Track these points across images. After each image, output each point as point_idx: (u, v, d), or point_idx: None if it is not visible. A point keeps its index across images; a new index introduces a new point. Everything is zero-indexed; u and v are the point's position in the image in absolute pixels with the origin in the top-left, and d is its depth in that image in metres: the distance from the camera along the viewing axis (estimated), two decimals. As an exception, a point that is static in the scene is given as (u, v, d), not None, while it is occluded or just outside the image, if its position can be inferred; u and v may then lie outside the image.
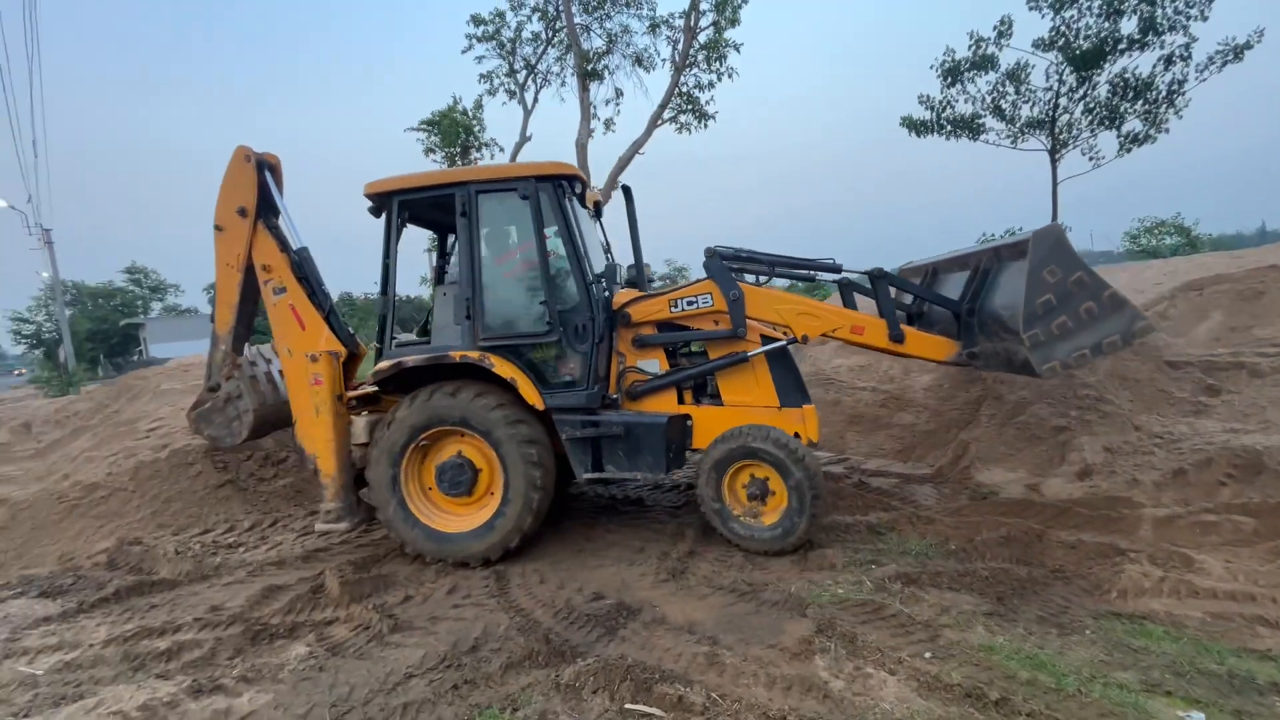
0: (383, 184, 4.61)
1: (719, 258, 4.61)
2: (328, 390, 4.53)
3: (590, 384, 4.50)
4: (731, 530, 4.39)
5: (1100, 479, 4.87)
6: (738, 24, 16.31)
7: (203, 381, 5.22)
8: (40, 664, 3.40)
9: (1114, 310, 4.04)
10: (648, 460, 4.43)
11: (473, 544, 4.40)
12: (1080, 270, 4.02)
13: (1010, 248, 4.43)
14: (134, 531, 5.36)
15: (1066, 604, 3.39)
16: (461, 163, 19.51)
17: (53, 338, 40.93)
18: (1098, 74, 16.32)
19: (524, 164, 4.68)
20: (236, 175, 4.74)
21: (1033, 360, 4.02)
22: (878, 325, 4.68)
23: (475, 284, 4.51)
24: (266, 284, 4.77)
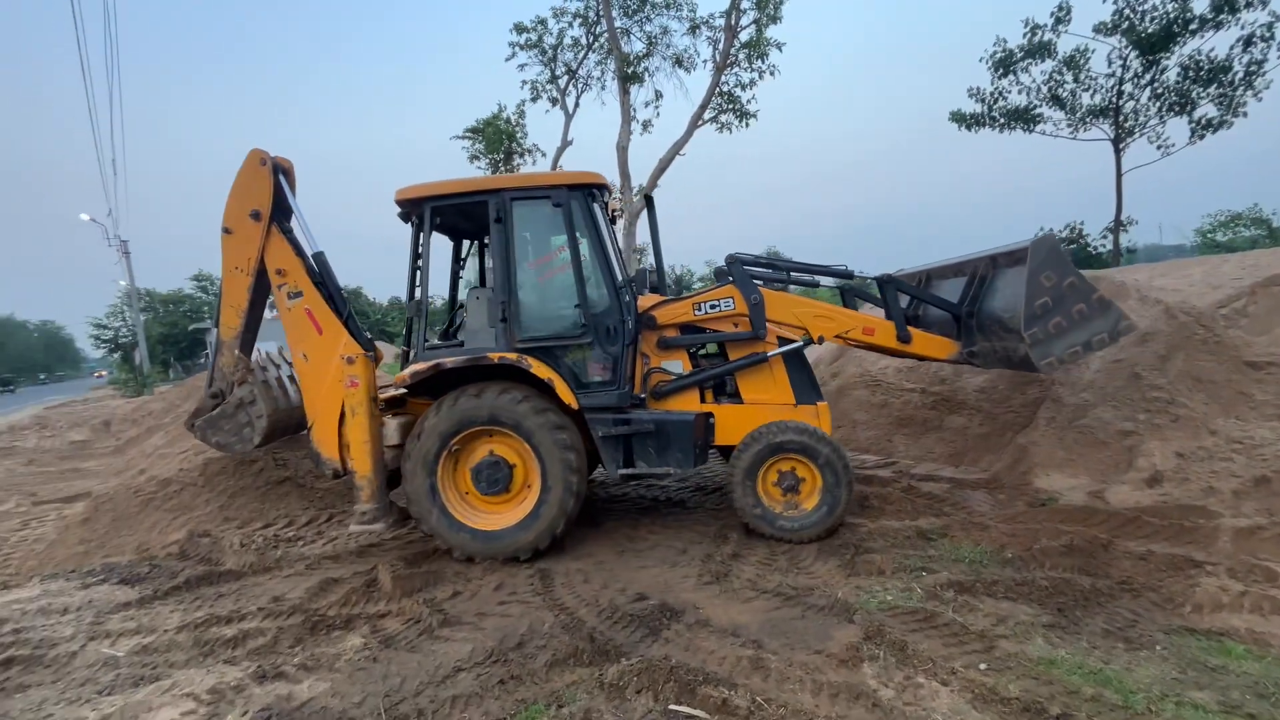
0: (414, 190, 4.73)
1: (740, 264, 4.94)
2: (364, 392, 4.53)
3: (621, 384, 4.67)
4: (781, 528, 4.52)
5: (1172, 486, 4.60)
6: (779, 21, 16.12)
7: (205, 386, 5.14)
8: (121, 646, 3.63)
9: (1102, 311, 4.42)
10: (677, 456, 4.65)
11: (520, 536, 4.49)
12: (1072, 275, 4.39)
13: (1007, 255, 4.73)
14: (203, 524, 5.67)
15: (1135, 617, 3.21)
16: (505, 169, 19.92)
17: (129, 342, 43.71)
18: (1166, 57, 15.41)
19: (556, 173, 4.83)
20: (250, 179, 4.70)
21: (1033, 356, 4.37)
22: (886, 327, 5.00)
23: (510, 288, 4.63)
24: (281, 288, 4.72)
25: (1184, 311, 5.74)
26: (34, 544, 5.83)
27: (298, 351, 4.75)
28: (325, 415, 4.67)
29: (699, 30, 17.33)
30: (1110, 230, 17.53)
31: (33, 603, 4.34)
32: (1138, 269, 7.75)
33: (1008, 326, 4.55)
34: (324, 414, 4.67)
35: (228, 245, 4.77)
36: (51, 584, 4.75)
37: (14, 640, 3.73)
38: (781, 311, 4.95)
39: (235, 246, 4.76)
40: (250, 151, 4.74)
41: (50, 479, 9.60)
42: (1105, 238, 17.81)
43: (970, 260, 5.21)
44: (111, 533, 5.65)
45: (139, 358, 30.99)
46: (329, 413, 4.66)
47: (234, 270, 4.80)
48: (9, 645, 3.67)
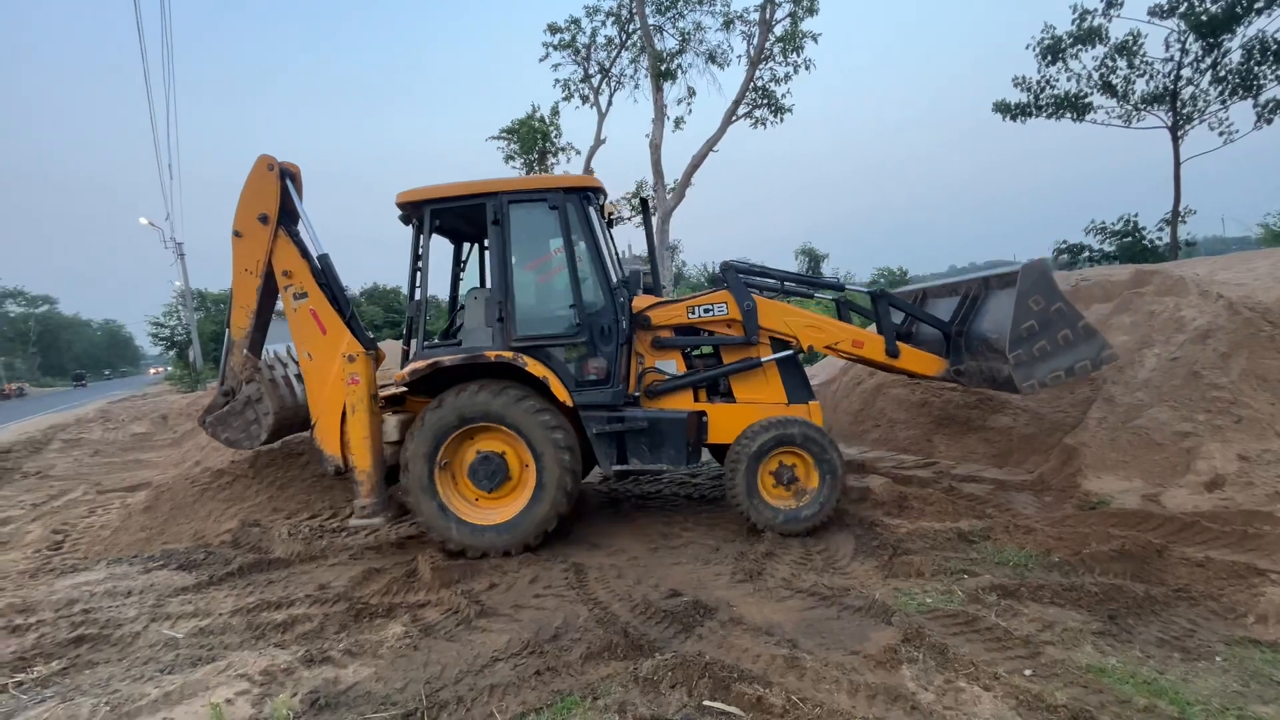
0: (415, 193, 4.86)
1: (735, 271, 5.04)
2: (364, 389, 4.67)
3: (615, 382, 4.77)
4: (807, 518, 4.63)
5: (1234, 491, 4.38)
6: (815, 13, 15.86)
7: (218, 384, 5.31)
8: (180, 628, 3.82)
9: (1086, 339, 4.54)
10: (670, 453, 4.75)
11: (514, 531, 4.59)
12: (1060, 302, 4.51)
13: (999, 278, 4.82)
14: (254, 514, 5.91)
15: (1192, 627, 3.07)
16: (539, 168, 20.12)
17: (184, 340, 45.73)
18: (1229, 39, 14.57)
19: (553, 176, 4.96)
20: (259, 183, 4.83)
21: (1015, 377, 4.47)
22: (876, 340, 5.08)
23: (507, 288, 4.74)
24: (287, 289, 4.88)
25: (1248, 307, 5.44)
26: (100, 530, 6.18)
27: (303, 351, 4.91)
28: (328, 413, 4.82)
29: (733, 25, 17.16)
30: (1167, 222, 16.68)
31: (100, 585, 4.61)
32: (1198, 262, 7.37)
33: (994, 347, 4.66)
34: (327, 412, 4.83)
35: (238, 248, 4.95)
36: (116, 568, 5.03)
37: (84, 620, 3.97)
38: (773, 319, 5.02)
39: (245, 249, 4.93)
40: (259, 157, 4.92)
41: (114, 469, 10.16)
42: (1162, 230, 16.95)
43: (964, 280, 5.33)
44: (170, 521, 5.94)
45: (193, 355, 32.45)
46: (332, 410, 4.81)
47: (244, 272, 4.97)
48: (80, 624, 3.90)
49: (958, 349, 5.14)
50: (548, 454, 4.55)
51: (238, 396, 5.14)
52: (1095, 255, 17.66)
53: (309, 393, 4.96)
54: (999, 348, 4.56)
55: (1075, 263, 17.77)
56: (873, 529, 4.70)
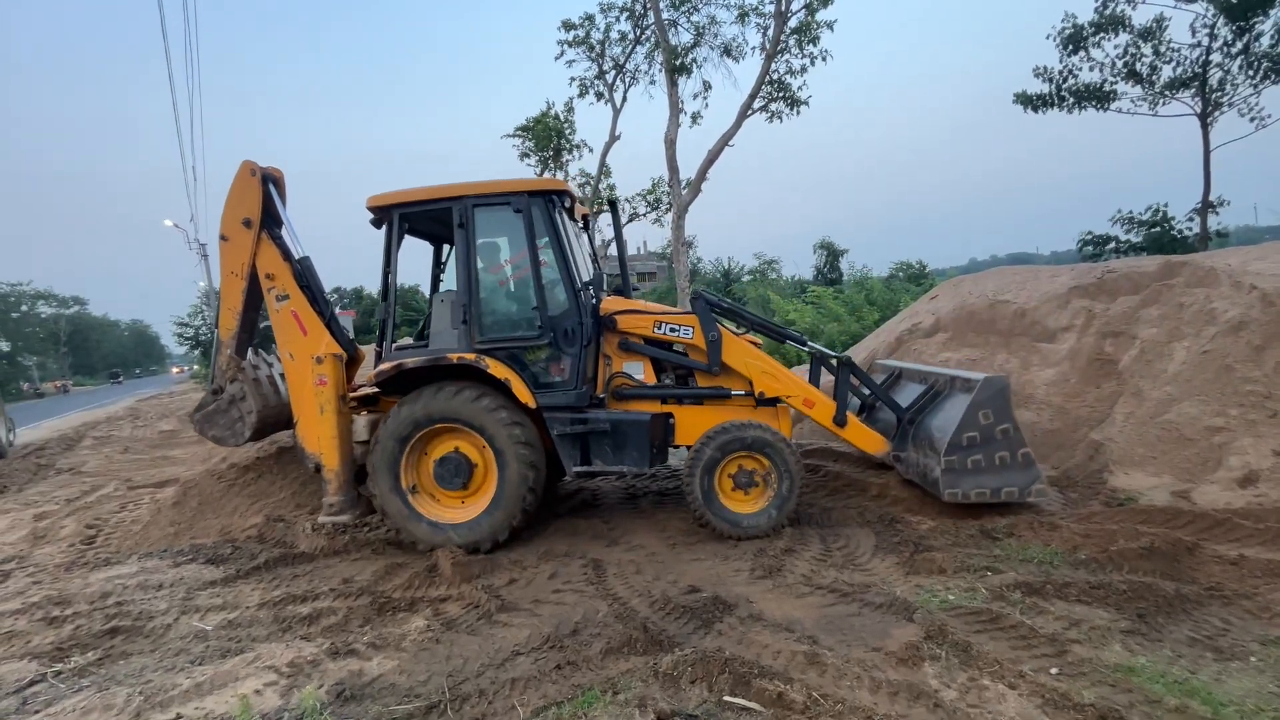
0: (384, 198, 4.94)
1: (705, 302, 5.07)
2: (332, 390, 4.79)
3: (579, 384, 4.82)
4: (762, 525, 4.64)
5: (1269, 487, 4.26)
6: (831, 3, 15.65)
7: (208, 383, 5.48)
8: (209, 621, 3.92)
9: (1022, 467, 4.54)
10: (633, 455, 4.78)
11: (477, 528, 4.67)
12: (1009, 423, 4.53)
13: (965, 381, 4.85)
14: (278, 509, 6.02)
15: (1226, 626, 3.00)
16: (554, 165, 20.17)
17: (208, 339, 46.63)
18: (1260, 20, 14.11)
19: (518, 180, 4.94)
20: (242, 188, 4.97)
21: (941, 481, 4.52)
22: (827, 405, 5.11)
23: (472, 291, 4.79)
24: (270, 291, 5.03)
25: (1284, 298, 5.28)
26: (131, 524, 6.34)
27: (285, 351, 5.05)
28: (309, 412, 4.94)
29: (748, 18, 17.01)
30: (1197, 211, 16.23)
31: (132, 578, 4.73)
32: (1230, 252, 7.17)
33: (934, 446, 4.71)
34: (307, 411, 4.95)
35: (225, 251, 5.10)
36: (147, 561, 5.15)
37: (117, 612, 4.08)
38: (734, 357, 5.03)
39: (231, 252, 5.08)
40: (242, 163, 5.05)
41: (143, 465, 10.41)
42: (1192, 220, 16.49)
43: (936, 373, 5.39)
44: (198, 516, 6.08)
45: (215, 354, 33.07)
46: (312, 409, 4.91)
47: (230, 274, 5.12)
48: (114, 616, 4.01)
49: (904, 436, 5.16)
50: (508, 451, 4.61)
51: (223, 395, 5.28)
52: (1122, 246, 17.24)
53: (291, 392, 5.09)
54: (937, 448, 4.61)
55: (1100, 254, 17.37)
56: (893, 525, 4.65)
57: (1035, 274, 7.97)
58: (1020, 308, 7.25)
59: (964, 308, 7.85)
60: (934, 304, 8.83)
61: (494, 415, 4.62)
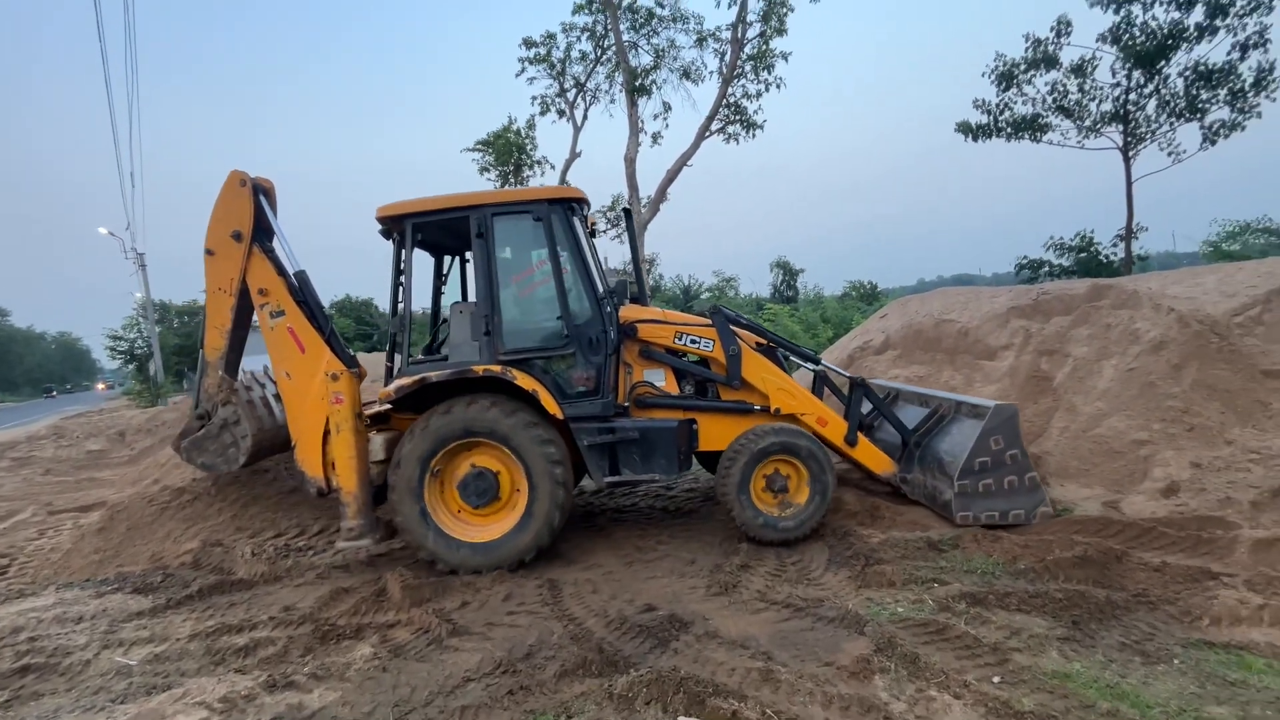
0: (395, 207, 4.80)
1: (723, 316, 5.14)
2: (349, 408, 4.55)
3: (604, 393, 4.75)
4: (784, 529, 4.72)
5: (1188, 497, 4.54)
6: (784, 34, 16.24)
7: (191, 407, 5.13)
8: (134, 655, 3.66)
9: (1029, 491, 4.69)
10: (661, 463, 4.75)
11: (503, 548, 4.53)
12: (1017, 449, 4.69)
13: (971, 407, 5.03)
14: (216, 534, 5.71)
15: (1152, 631, 3.17)
16: (514, 180, 20.09)
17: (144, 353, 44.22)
18: (1166, 66, 15.35)
19: (537, 188, 4.92)
20: (230, 200, 4.72)
21: (954, 504, 4.67)
22: (839, 424, 5.17)
23: (493, 301, 4.69)
24: (263, 308, 4.76)
25: (1197, 320, 5.68)
26: (50, 553, 5.91)
27: (281, 370, 4.77)
28: (308, 433, 4.69)
29: (706, 43, 17.48)
30: (1121, 238, 17.39)
31: (48, 611, 4.39)
32: (1150, 276, 7.70)
33: (944, 470, 4.85)
34: (307, 432, 4.70)
35: (211, 266, 4.82)
36: (66, 593, 4.80)
37: (29, 648, 3.77)
38: (752, 372, 5.07)
39: (218, 267, 4.81)
40: (230, 173, 4.80)
41: (66, 488, 9.73)
42: (1116, 245, 17.65)
43: (939, 397, 5.53)
44: (126, 542, 5.71)
45: (153, 369, 31.39)
46: (312, 431, 4.68)
47: (217, 291, 4.84)
48: (25, 653, 3.71)
49: (910, 458, 5.27)
50: (539, 468, 4.49)
51: (213, 419, 4.96)
52: (1055, 269, 18.30)
53: (288, 413, 4.81)
54: (949, 472, 4.75)
55: (1035, 277, 18.36)
56: (846, 539, 4.74)
57: (977, 294, 8.35)
58: (963, 327, 7.57)
59: (911, 326, 8.15)
60: (884, 322, 9.14)
61: (527, 431, 4.50)
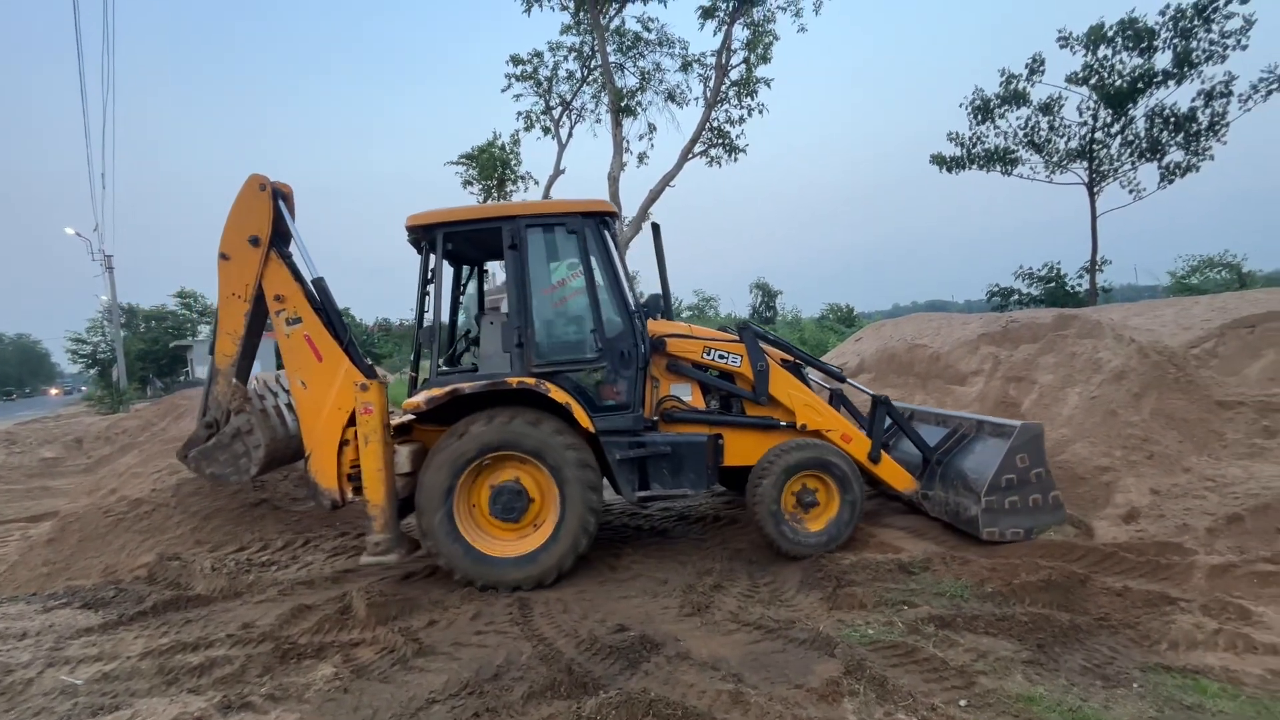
0: (426, 216, 4.76)
1: (752, 333, 5.17)
2: (378, 419, 4.40)
3: (635, 407, 4.74)
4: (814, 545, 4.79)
5: (1147, 523, 4.66)
6: (769, 61, 16.65)
7: (198, 416, 4.98)
8: (80, 674, 3.50)
9: (1052, 509, 4.80)
10: (691, 477, 4.76)
11: (535, 564, 4.45)
12: (1042, 467, 4.79)
13: (994, 425, 5.13)
14: (173, 547, 5.52)
15: (1113, 654, 3.23)
16: (497, 195, 20.11)
17: (107, 357, 42.90)
18: (1132, 108, 16.11)
19: (570, 200, 4.88)
20: (249, 204, 4.64)
21: (980, 520, 4.74)
22: (863, 441, 5.19)
23: (526, 313, 4.65)
24: (279, 315, 4.65)
25: (1156, 351, 5.89)
26: (-6, 565, 5.64)
27: (295, 379, 4.64)
28: (324, 444, 4.56)
29: (691, 68, 17.83)
30: (1086, 270, 18.03)
31: (-11, 627, 4.19)
32: (1113, 308, 7.99)
33: (970, 486, 4.90)
34: (323, 443, 4.56)
35: (225, 271, 4.70)
36: (10, 607, 4.59)
37: (-33, 666, 3.59)
38: (780, 389, 5.10)
39: (233, 272, 4.69)
40: (249, 177, 4.70)
41: (16, 497, 9.33)
42: (1082, 277, 18.30)
43: (958, 417, 5.65)
44: (78, 554, 5.48)
45: (116, 374, 30.42)
46: (328, 442, 4.55)
47: (231, 296, 4.71)
48: (-39, 671, 3.52)
49: (932, 476, 5.33)
50: (573, 483, 4.44)
51: (225, 428, 4.77)
52: (1024, 299, 18.86)
53: (303, 423, 4.67)
54: (975, 488, 4.81)
55: (1005, 305, 18.90)
56: (818, 561, 4.75)
57: (949, 320, 8.56)
58: (935, 352, 7.74)
59: (885, 350, 8.31)
60: (859, 345, 9.31)
61: (561, 445, 4.44)
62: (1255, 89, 15.08)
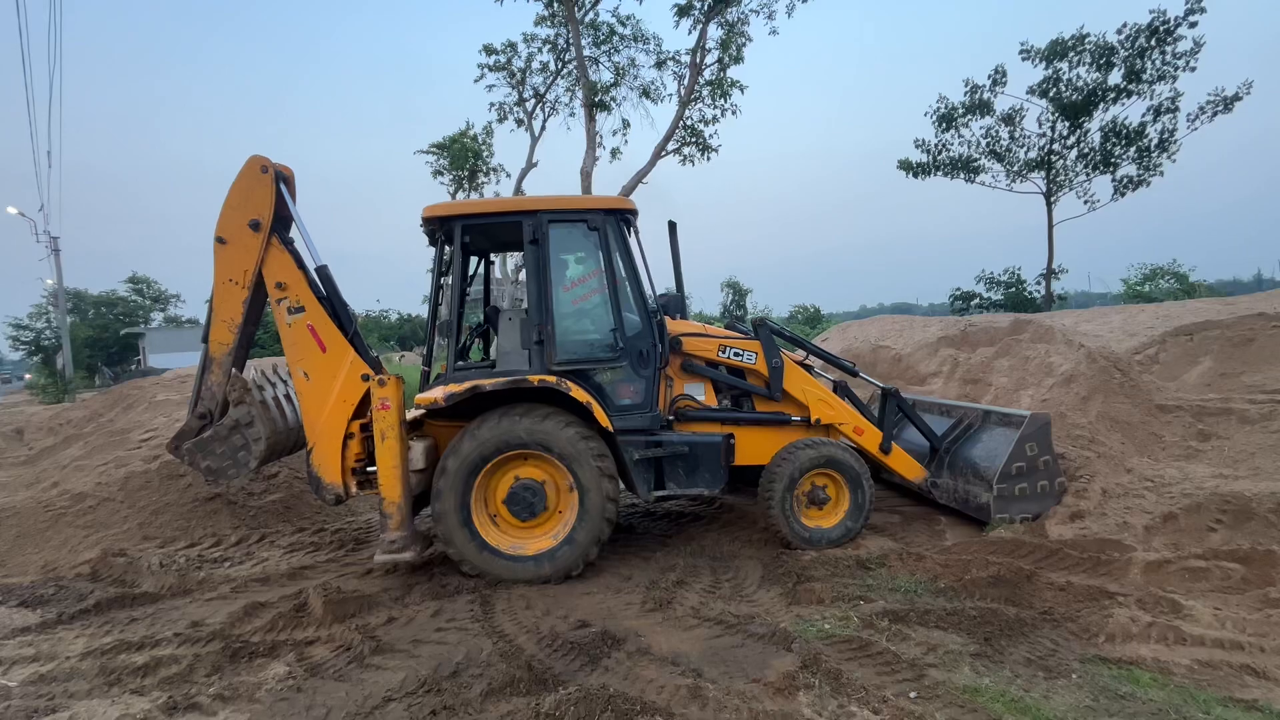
0: (444, 208, 4.69)
1: (768, 329, 5.25)
2: (395, 415, 4.30)
3: (651, 407, 4.76)
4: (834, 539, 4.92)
5: (1091, 521, 4.86)
6: (741, 62, 16.77)
7: (190, 407, 4.77)
8: (14, 675, 3.35)
9: (1057, 494, 5.05)
10: (706, 477, 4.81)
11: (552, 561, 4.44)
12: (1049, 455, 5.00)
13: (1001, 416, 5.32)
14: (119, 543, 5.31)
15: (1055, 647, 3.37)
16: (469, 186, 19.82)
17: (52, 344, 40.94)
18: (1088, 121, 16.76)
19: (592, 197, 4.89)
20: (249, 187, 4.46)
21: (992, 507, 4.96)
22: (874, 434, 5.30)
23: (546, 310, 4.59)
24: (280, 303, 4.48)
25: (1103, 356, 6.15)
26: (-78, 562, 5.34)
27: (297, 369, 4.48)
28: (327, 437, 4.43)
29: (665, 65, 17.85)
30: (1044, 277, 18.70)
31: (-85, 627, 3.97)
32: (1066, 314, 8.32)
33: (979, 474, 5.10)
34: (326, 436, 4.43)
35: (222, 256, 4.47)
36: (-61, 606, 4.35)
37: (-111, 669, 3.39)
38: (793, 384, 5.19)
39: (231, 257, 4.47)
40: (250, 158, 4.50)
41: (-52, 490, 8.82)
42: (1040, 283, 18.97)
43: (962, 407, 5.85)
44: (14, 550, 5.24)
45: (61, 362, 29.05)
46: (331, 434, 4.43)
47: (227, 282, 4.48)
48: (-118, 674, 3.33)
49: (940, 464, 5.49)
50: (592, 482, 4.42)
51: (222, 420, 4.55)
52: (984, 302, 19.45)
53: (305, 415, 4.52)
54: (986, 476, 5.00)
55: (967, 308, 19.47)
56: (779, 557, 4.84)
57: (911, 323, 8.78)
58: (898, 353, 7.94)
59: (850, 350, 8.48)
60: (825, 345, 9.47)
61: (582, 444, 4.41)
62: (1203, 109, 15.83)
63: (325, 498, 4.51)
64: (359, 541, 5.58)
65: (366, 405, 4.42)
